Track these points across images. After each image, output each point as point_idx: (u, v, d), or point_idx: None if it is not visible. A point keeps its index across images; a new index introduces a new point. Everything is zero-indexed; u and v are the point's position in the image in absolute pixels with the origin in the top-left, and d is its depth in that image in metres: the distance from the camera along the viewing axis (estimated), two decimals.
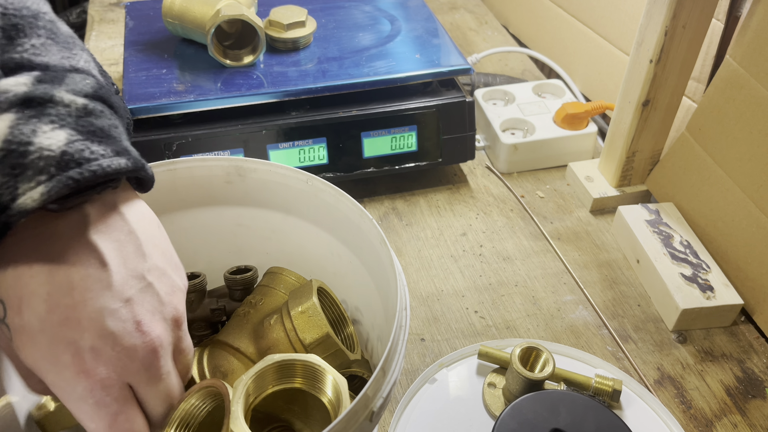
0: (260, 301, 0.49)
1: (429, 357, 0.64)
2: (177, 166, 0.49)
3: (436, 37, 0.81)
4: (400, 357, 0.39)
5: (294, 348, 0.45)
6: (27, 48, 0.35)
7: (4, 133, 0.31)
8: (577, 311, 0.68)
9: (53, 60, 0.36)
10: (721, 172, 0.69)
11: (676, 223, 0.73)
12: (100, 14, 1.15)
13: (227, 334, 0.48)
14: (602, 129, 0.94)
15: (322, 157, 0.75)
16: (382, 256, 0.45)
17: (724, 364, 0.64)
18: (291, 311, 0.45)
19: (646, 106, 0.72)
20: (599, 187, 0.80)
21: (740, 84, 0.66)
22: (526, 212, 0.80)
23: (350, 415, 0.35)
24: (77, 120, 0.34)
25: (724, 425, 0.59)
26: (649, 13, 0.67)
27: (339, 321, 0.50)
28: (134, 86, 0.71)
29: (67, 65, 0.37)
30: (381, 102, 0.75)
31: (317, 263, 0.54)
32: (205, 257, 0.55)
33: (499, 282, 0.71)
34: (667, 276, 0.67)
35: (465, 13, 1.19)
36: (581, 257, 0.74)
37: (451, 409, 0.56)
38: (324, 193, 0.49)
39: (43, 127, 0.32)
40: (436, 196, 0.82)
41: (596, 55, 0.95)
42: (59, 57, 0.36)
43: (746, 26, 0.65)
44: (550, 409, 0.51)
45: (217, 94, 0.70)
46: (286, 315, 0.45)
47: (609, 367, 0.60)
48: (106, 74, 0.40)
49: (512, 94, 0.91)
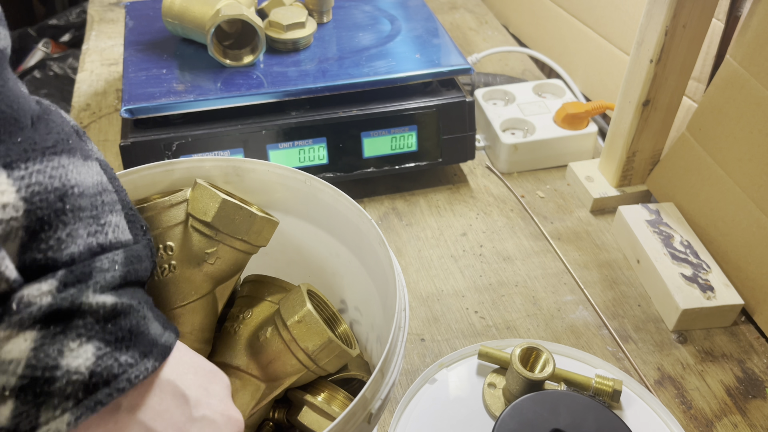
0: (248, 313, 0.48)
1: (429, 357, 0.64)
2: (176, 166, 0.49)
3: (436, 37, 0.81)
4: (399, 358, 0.39)
5: (297, 357, 0.44)
6: (51, 244, 0.30)
7: (27, 356, 0.28)
8: (577, 311, 0.68)
9: (80, 247, 0.31)
10: (721, 172, 0.69)
11: (677, 223, 0.73)
12: (100, 14, 1.15)
13: (222, 353, 0.47)
14: (602, 129, 0.94)
15: (322, 157, 0.75)
16: (381, 256, 0.45)
17: (725, 364, 0.64)
18: (287, 321, 0.44)
19: (647, 106, 0.72)
20: (599, 187, 0.80)
21: (740, 84, 0.65)
22: (526, 212, 0.80)
23: (348, 417, 0.35)
24: (104, 328, 0.31)
25: (724, 425, 0.58)
26: (650, 12, 0.67)
27: (332, 321, 0.49)
28: (134, 86, 0.71)
29: (95, 245, 0.32)
30: (381, 102, 0.75)
31: (316, 263, 0.54)
32: None
33: (499, 282, 0.71)
34: (667, 276, 0.67)
35: (465, 13, 1.19)
36: (581, 257, 0.74)
37: (451, 410, 0.56)
38: (323, 193, 0.49)
39: (70, 344, 0.29)
40: (436, 196, 0.82)
41: (596, 55, 0.95)
42: (86, 239, 0.32)
43: (746, 26, 0.64)
44: (550, 410, 0.51)
45: (217, 94, 0.70)
46: (282, 326, 0.44)
47: (609, 367, 0.60)
48: (120, 189, 0.38)
49: (512, 94, 0.91)
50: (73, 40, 1.71)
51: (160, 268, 0.44)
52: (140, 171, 0.48)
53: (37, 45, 1.64)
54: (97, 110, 0.94)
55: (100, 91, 0.97)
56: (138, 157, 0.70)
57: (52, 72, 1.55)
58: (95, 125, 0.91)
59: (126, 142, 0.70)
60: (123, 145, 0.70)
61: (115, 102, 0.95)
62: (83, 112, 0.93)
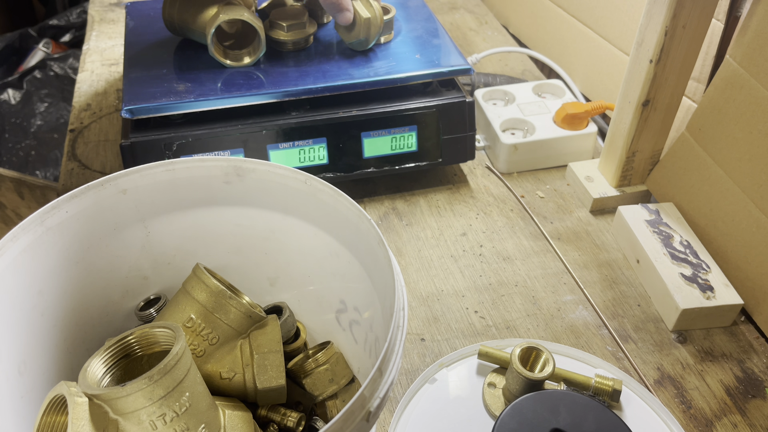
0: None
1: (429, 357, 0.64)
2: (176, 166, 0.49)
3: (436, 37, 0.81)
4: (398, 357, 0.39)
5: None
6: None
7: None
8: (577, 311, 0.68)
9: None
10: (721, 172, 0.69)
11: (676, 223, 0.73)
12: (100, 14, 1.15)
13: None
14: (602, 129, 0.94)
15: (322, 157, 0.76)
16: (381, 256, 0.45)
17: (724, 364, 0.64)
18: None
19: (646, 106, 0.72)
20: (599, 187, 0.80)
21: (740, 84, 0.66)
22: (526, 212, 0.80)
23: (347, 415, 0.35)
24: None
25: (724, 425, 0.58)
26: (649, 13, 0.67)
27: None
28: (134, 86, 0.71)
29: None
30: (381, 102, 0.75)
31: (316, 263, 0.54)
32: (204, 257, 0.55)
33: (499, 282, 0.71)
34: (667, 276, 0.67)
35: (465, 13, 1.19)
36: (581, 257, 0.74)
37: (451, 409, 0.56)
38: (322, 193, 0.49)
39: None
40: (436, 196, 0.82)
41: (596, 55, 0.95)
42: None
43: (746, 26, 0.64)
44: (550, 409, 0.51)
45: (217, 94, 0.70)
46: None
47: (609, 367, 0.60)
48: None
49: (512, 94, 0.91)
50: (74, 40, 1.71)
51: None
52: (141, 171, 0.48)
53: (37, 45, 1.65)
54: (98, 110, 0.94)
55: (101, 91, 0.97)
56: (138, 157, 0.70)
57: (52, 72, 1.56)
58: (96, 125, 0.91)
59: (126, 142, 0.70)
60: (123, 145, 0.70)
61: (116, 102, 0.95)
62: (84, 112, 0.93)
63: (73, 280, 0.48)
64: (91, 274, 0.50)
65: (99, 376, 0.41)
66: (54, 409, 0.40)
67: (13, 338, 0.43)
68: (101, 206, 0.48)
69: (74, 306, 0.49)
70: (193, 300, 0.47)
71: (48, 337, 0.47)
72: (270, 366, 0.47)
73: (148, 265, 0.53)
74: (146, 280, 0.54)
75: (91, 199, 0.47)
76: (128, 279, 0.53)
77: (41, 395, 0.45)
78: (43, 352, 0.46)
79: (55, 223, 0.46)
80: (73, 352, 0.50)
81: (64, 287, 0.48)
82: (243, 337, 0.49)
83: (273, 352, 0.48)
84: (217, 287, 0.47)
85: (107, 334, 0.52)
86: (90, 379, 0.40)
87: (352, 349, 0.54)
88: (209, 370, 0.47)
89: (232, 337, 0.48)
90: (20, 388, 0.44)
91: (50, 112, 1.53)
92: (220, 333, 0.47)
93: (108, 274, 0.51)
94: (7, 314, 0.43)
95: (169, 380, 0.39)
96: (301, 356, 0.53)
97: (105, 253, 0.50)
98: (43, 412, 0.39)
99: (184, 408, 0.40)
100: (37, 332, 0.46)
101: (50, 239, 0.46)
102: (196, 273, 0.48)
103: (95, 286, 0.50)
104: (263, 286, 0.57)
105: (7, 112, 1.49)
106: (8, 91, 1.50)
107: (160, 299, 0.54)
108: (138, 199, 0.50)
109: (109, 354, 0.42)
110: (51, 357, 0.47)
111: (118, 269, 0.52)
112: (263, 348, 0.48)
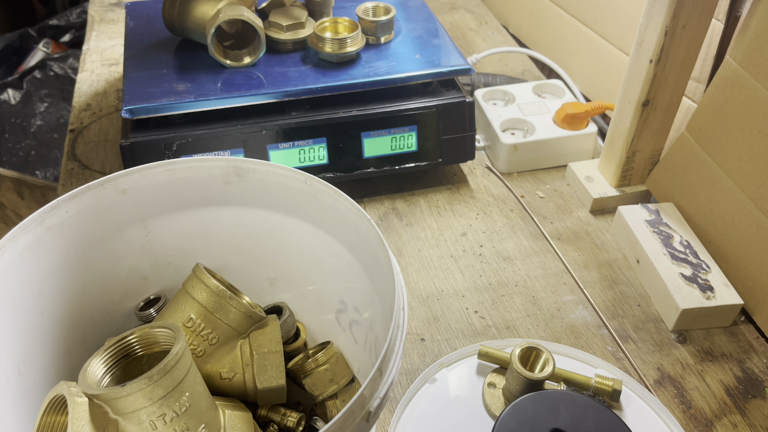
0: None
1: (429, 357, 0.64)
2: (176, 166, 0.49)
3: (436, 37, 0.81)
4: (398, 357, 0.39)
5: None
6: None
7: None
8: (577, 311, 0.68)
9: None
10: (721, 172, 0.69)
11: (676, 223, 0.73)
12: (100, 14, 1.15)
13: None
14: (602, 129, 0.94)
15: (322, 158, 0.76)
16: (380, 256, 0.45)
17: (724, 364, 0.64)
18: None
19: (646, 106, 0.72)
20: (599, 187, 0.80)
21: (740, 84, 0.66)
22: (526, 212, 0.80)
23: (347, 415, 0.35)
24: None
25: (724, 425, 0.58)
26: (649, 13, 0.67)
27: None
28: (134, 86, 0.71)
29: None
30: (381, 102, 0.75)
31: (316, 263, 0.54)
32: (204, 257, 0.55)
33: (499, 282, 0.71)
34: (667, 276, 0.67)
35: (465, 13, 1.19)
36: (581, 257, 0.74)
37: (451, 409, 0.56)
38: (322, 193, 0.49)
39: None
40: (436, 196, 0.82)
41: (596, 55, 0.95)
42: None
43: (746, 26, 0.64)
44: (550, 409, 0.51)
45: (217, 94, 0.70)
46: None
47: (609, 367, 0.60)
48: None
49: (512, 94, 0.91)
50: (74, 40, 1.71)
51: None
52: (141, 171, 0.48)
53: (37, 45, 1.65)
54: (98, 110, 0.94)
55: (101, 91, 0.97)
56: (138, 157, 0.70)
57: (52, 72, 1.56)
58: (96, 125, 0.91)
59: (126, 142, 0.70)
60: (123, 145, 0.70)
61: (116, 102, 0.95)
62: (84, 112, 0.93)
63: (73, 280, 0.48)
64: (91, 274, 0.50)
65: (99, 376, 0.41)
66: (54, 409, 0.40)
67: (13, 338, 0.43)
68: (101, 206, 0.48)
69: (74, 306, 0.49)
70: (193, 300, 0.47)
71: (48, 337, 0.47)
72: (270, 366, 0.47)
73: (148, 265, 0.53)
74: (146, 280, 0.54)
75: (91, 199, 0.47)
76: (128, 279, 0.53)
77: (41, 395, 0.45)
78: (43, 352, 0.46)
79: (55, 223, 0.46)
80: (73, 352, 0.50)
81: (63, 287, 0.48)
82: (243, 337, 0.49)
83: (273, 352, 0.48)
84: (217, 287, 0.46)
85: (107, 334, 0.52)
86: (90, 379, 0.40)
87: (352, 349, 0.54)
88: (209, 370, 0.47)
89: (232, 337, 0.48)
90: (20, 388, 0.44)
91: (50, 112, 1.53)
92: (220, 333, 0.47)
93: (108, 274, 0.51)
94: (7, 314, 0.43)
95: (169, 380, 0.39)
96: (301, 356, 0.53)
97: (105, 253, 0.50)
98: (43, 412, 0.39)
99: (184, 408, 0.40)
100: (37, 332, 0.46)
101: (50, 239, 0.46)
102: (196, 273, 0.48)
103: (95, 286, 0.50)
104: (263, 286, 0.57)
105: (7, 112, 1.49)
106: (8, 91, 1.50)
107: (160, 299, 0.54)
108: (138, 199, 0.50)
109: (109, 354, 0.42)
110: (51, 357, 0.47)
111: (118, 269, 0.52)
112: (263, 348, 0.48)
